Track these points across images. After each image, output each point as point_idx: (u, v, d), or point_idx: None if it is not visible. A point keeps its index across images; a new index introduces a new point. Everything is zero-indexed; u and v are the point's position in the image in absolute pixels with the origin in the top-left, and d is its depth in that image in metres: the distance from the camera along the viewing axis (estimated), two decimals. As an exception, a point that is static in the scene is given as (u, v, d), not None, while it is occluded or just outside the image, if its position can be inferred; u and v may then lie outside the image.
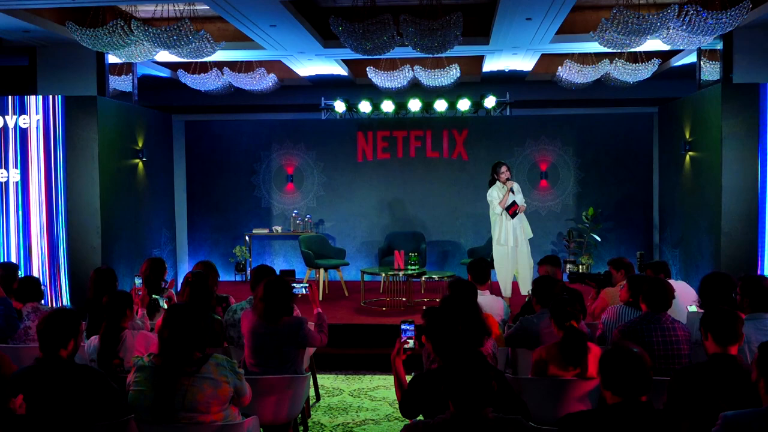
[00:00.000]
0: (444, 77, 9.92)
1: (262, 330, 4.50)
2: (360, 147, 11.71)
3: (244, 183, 11.82)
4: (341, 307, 8.95)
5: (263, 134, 11.86)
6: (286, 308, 4.52)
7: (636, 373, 2.75)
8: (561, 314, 4.14)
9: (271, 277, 4.65)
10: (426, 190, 11.63)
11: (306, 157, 11.76)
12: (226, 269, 11.65)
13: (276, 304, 4.46)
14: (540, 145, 11.44)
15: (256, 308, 4.50)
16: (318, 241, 10.47)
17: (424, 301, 9.17)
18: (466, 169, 11.56)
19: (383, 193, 11.71)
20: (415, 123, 11.70)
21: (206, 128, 12.00)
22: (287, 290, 4.54)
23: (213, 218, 11.94)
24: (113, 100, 8.98)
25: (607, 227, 11.25)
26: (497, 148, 11.48)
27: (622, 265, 5.85)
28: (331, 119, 11.87)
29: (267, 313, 4.46)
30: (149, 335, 4.40)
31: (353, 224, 11.72)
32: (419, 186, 11.64)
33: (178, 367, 3.40)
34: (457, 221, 11.55)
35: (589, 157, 11.38)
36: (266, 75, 10.37)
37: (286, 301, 4.51)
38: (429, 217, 11.58)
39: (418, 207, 11.63)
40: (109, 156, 8.59)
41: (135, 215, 9.26)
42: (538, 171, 11.32)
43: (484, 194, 11.07)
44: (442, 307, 3.93)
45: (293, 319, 4.57)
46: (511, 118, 11.59)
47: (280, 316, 4.49)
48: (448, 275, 9.03)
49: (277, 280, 4.56)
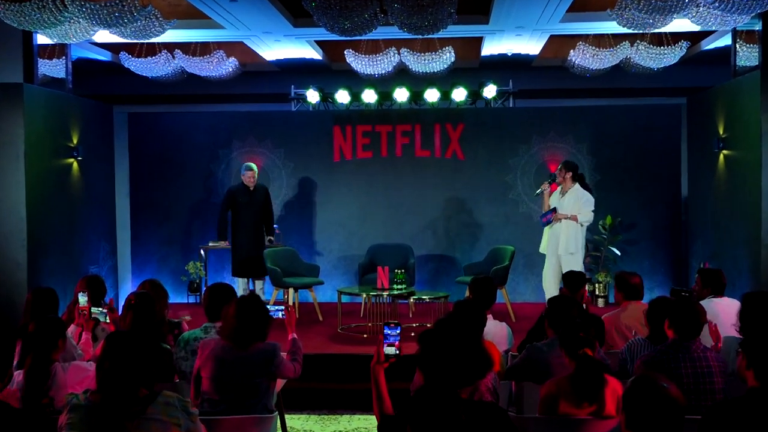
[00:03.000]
0: (436, 62, 9.93)
1: (229, 357, 4.49)
2: (337, 144, 11.70)
3: (199, 187, 11.78)
4: (314, 334, 8.92)
5: (222, 129, 11.82)
6: (260, 332, 4.56)
7: (666, 412, 2.72)
8: (572, 340, 4.14)
9: (244, 295, 4.67)
10: (415, 195, 11.60)
11: (273, 156, 11.74)
12: (178, 289, 11.60)
13: (251, 327, 4.50)
14: (549, 143, 11.47)
15: (225, 329, 4.54)
16: (287, 256, 10.46)
17: (412, 326, 9.18)
18: (462, 171, 11.56)
19: (364, 198, 11.68)
20: (401, 116, 11.65)
21: (154, 122, 11.91)
22: (265, 311, 4.59)
23: (162, 229, 11.89)
24: (43, 88, 8.93)
25: (628, 239, 11.31)
26: (498, 146, 11.50)
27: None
28: (303, 111, 11.82)
29: (239, 336, 4.49)
30: (85, 367, 4.39)
31: (328, 236, 11.70)
32: (407, 190, 11.61)
33: (119, 406, 3.35)
34: (451, 232, 11.56)
35: (606, 156, 11.43)
36: (225, 59, 10.38)
37: (262, 325, 4.56)
38: (418, 228, 11.55)
39: (405, 215, 11.60)
40: (38, 155, 8.58)
41: (68, 225, 9.25)
42: (546, 173, 11.27)
43: (484, 200, 11.44)
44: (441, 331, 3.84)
45: (267, 345, 4.58)
46: (514, 110, 11.59)
47: (253, 340, 4.52)
48: (442, 295, 9.14)
49: (252, 298, 4.62)
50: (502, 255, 10.20)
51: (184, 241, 11.81)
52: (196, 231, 11.80)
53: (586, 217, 8.79)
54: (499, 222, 11.45)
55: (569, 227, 8.75)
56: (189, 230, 11.84)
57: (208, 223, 11.58)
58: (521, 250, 11.01)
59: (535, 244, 10.80)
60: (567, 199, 8.84)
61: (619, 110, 11.54)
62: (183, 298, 11.62)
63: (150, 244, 11.92)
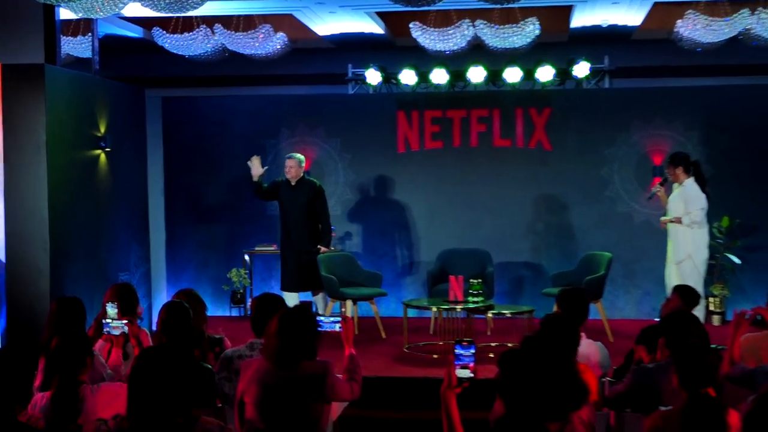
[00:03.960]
0: (517, 36, 9.88)
1: (274, 380, 4.50)
2: (401, 133, 11.64)
3: (243, 182, 11.28)
4: (376, 354, 8.91)
5: (268, 116, 11.78)
6: (308, 349, 4.56)
7: None
8: (692, 375, 4.07)
9: (288, 309, 4.67)
10: (493, 192, 11.48)
11: (327, 146, 11.72)
12: (218, 301, 11.59)
13: (296, 344, 4.50)
14: (652, 130, 11.31)
15: (267, 349, 4.54)
16: (344, 263, 10.41)
17: (490, 346, 9.07)
18: (549, 163, 11.42)
19: (433, 196, 11.58)
20: (477, 99, 11.52)
21: (191, 107, 11.89)
22: (312, 325, 4.59)
23: (200, 231, 11.89)
24: (66, 69, 8.92)
25: (749, 244, 11.09)
26: (592, 134, 11.35)
27: None
28: (362, 95, 11.81)
29: (282, 355, 4.49)
30: (116, 389, 4.41)
31: (392, 239, 11.65)
32: (483, 186, 11.49)
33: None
34: (536, 236, 11.44)
35: (722, 146, 11.21)
36: (272, 34, 10.38)
37: (310, 340, 4.56)
38: (497, 230, 11.42)
39: (481, 215, 11.48)
40: (61, 146, 8.54)
41: (95, 227, 9.20)
42: (648, 166, 11.23)
43: (574, 197, 11.35)
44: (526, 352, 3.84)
45: (317, 364, 4.58)
46: (610, 91, 11.47)
47: (300, 359, 4.52)
48: (525, 310, 9.10)
49: (299, 310, 4.62)
50: (597, 263, 10.13)
51: (226, 244, 11.78)
52: (239, 233, 11.75)
53: (692, 218, 8.65)
54: (593, 224, 11.33)
55: (677, 232, 8.65)
56: (231, 232, 11.79)
57: (253, 223, 11.62)
58: (620, 257, 10.85)
59: (636, 249, 10.90)
60: (673, 199, 8.75)
61: (737, 91, 11.33)
62: (224, 311, 11.64)
63: (187, 247, 11.95)
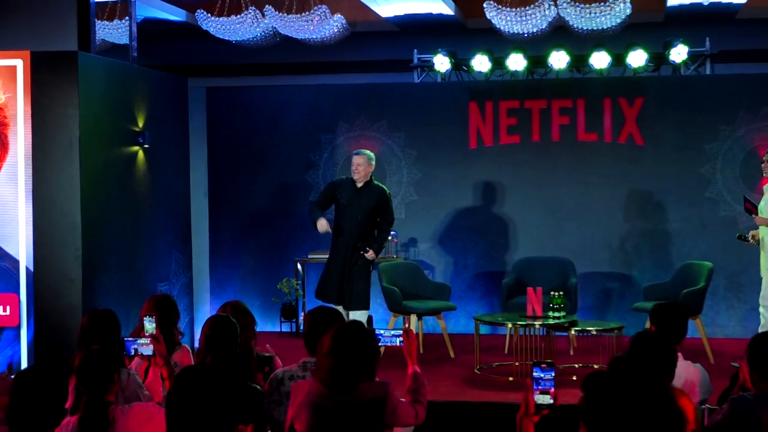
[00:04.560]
0: (606, 16, 9.95)
1: (328, 404, 4.49)
2: (473, 126, 11.62)
3: (296, 182, 11.81)
4: (444, 375, 8.93)
5: (325, 107, 11.84)
6: (366, 370, 4.56)
7: None
8: None
9: (343, 325, 4.68)
10: (577, 192, 11.46)
11: (389, 142, 11.73)
12: (268, 314, 11.65)
13: (352, 364, 4.49)
14: (761, 122, 11.20)
15: (320, 371, 4.55)
16: (408, 273, 10.46)
17: (574, 367, 9.07)
18: (641, 160, 11.35)
19: (509, 197, 11.57)
20: (559, 88, 11.54)
21: (239, 98, 11.98)
22: (369, 342, 4.60)
23: (248, 236, 11.98)
24: (101, 57, 8.96)
25: None
26: (691, 127, 11.23)
27: None
28: (429, 83, 11.80)
29: (336, 377, 4.49)
30: (150, 408, 4.46)
31: (463, 246, 11.62)
32: (566, 186, 11.47)
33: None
34: (626, 243, 11.34)
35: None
36: (329, 16, 10.46)
37: (368, 360, 4.57)
38: (582, 237, 11.39)
39: (564, 220, 11.47)
40: (95, 142, 8.56)
41: (132, 232, 9.24)
42: (756, 162, 10.85)
43: (670, 199, 11.29)
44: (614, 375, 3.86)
45: (376, 386, 4.58)
46: (712, 78, 11.42)
47: (357, 381, 4.51)
48: (614, 326, 9.01)
49: (354, 325, 4.63)
50: (696, 274, 10.09)
51: (277, 252, 11.86)
52: (291, 239, 11.81)
53: None
54: (691, 229, 11.20)
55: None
56: (282, 238, 11.86)
57: (306, 229, 11.35)
58: (722, 268, 10.80)
59: (740, 258, 10.72)
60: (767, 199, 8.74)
61: None
62: (274, 326, 11.66)
63: (233, 255, 11.98)
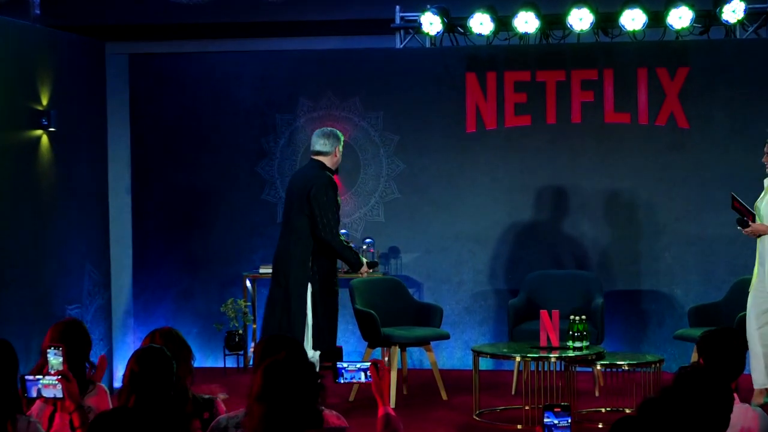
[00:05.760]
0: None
1: None
2: (471, 103, 11.16)
3: (245, 175, 11.53)
4: (433, 422, 8.82)
5: (281, 80, 11.55)
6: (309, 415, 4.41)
7: None
8: None
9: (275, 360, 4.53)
10: (603, 188, 11.07)
11: (364, 124, 11.36)
12: (208, 345, 11.41)
13: (286, 408, 4.34)
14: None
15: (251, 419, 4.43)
16: (388, 291, 10.18)
17: (600, 412, 8.89)
18: (685, 148, 10.90)
19: (517, 195, 11.18)
20: (581, 56, 11.18)
21: (171, 69, 11.75)
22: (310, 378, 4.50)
23: (182, 245, 11.65)
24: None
25: None
26: (748, 105, 10.75)
27: None
28: (416, 49, 11.41)
29: (269, 426, 4.37)
30: None
31: (458, 257, 11.22)
32: (590, 181, 11.09)
33: None
34: (666, 253, 10.89)
35: None
36: (288, -37, 10.00)
37: (308, 400, 4.41)
38: (609, 245, 11.05)
39: (587, 223, 11.08)
40: None
41: (34, 240, 9.19)
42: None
43: (721, 197, 11.02)
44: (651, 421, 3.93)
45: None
46: (775, 44, 10.98)
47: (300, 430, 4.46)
48: (651, 360, 8.78)
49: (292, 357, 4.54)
50: None
51: (219, 265, 11.60)
52: (237, 249, 11.56)
53: None
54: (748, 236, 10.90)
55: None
56: (226, 248, 11.59)
57: (256, 235, 11.46)
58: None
59: None
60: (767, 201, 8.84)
61: None
62: (217, 360, 11.40)
63: (164, 270, 11.68)
